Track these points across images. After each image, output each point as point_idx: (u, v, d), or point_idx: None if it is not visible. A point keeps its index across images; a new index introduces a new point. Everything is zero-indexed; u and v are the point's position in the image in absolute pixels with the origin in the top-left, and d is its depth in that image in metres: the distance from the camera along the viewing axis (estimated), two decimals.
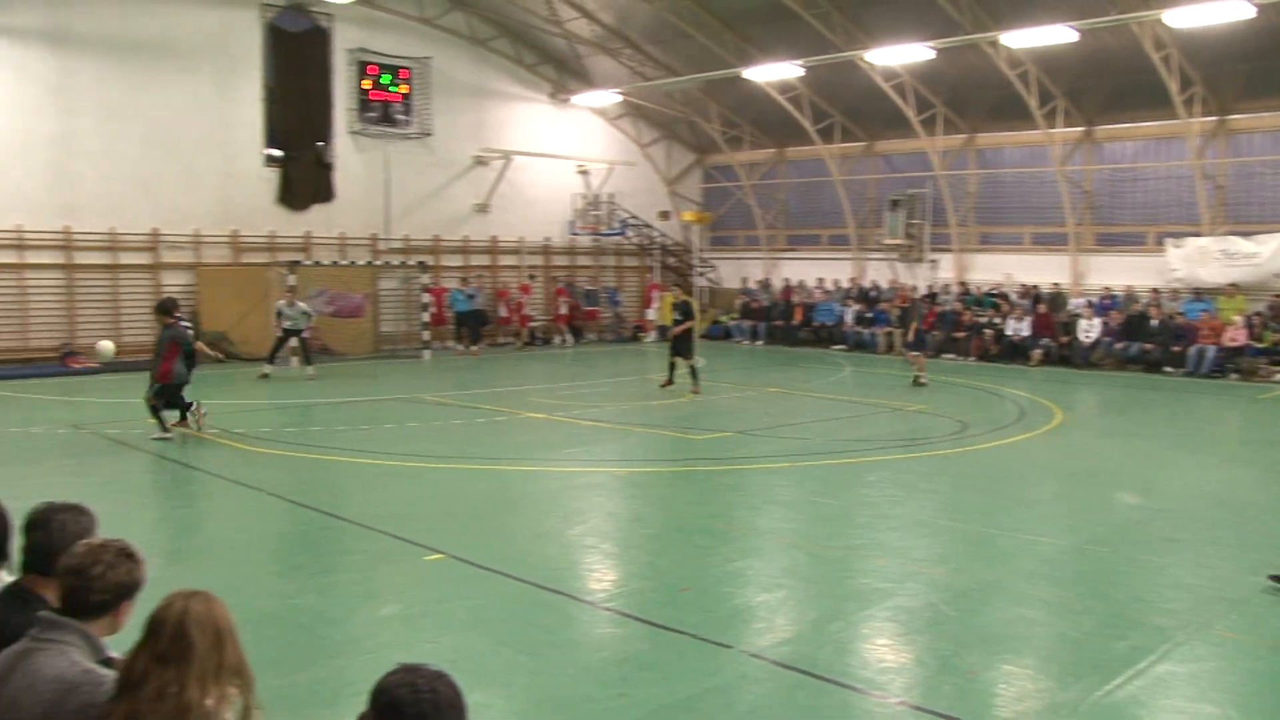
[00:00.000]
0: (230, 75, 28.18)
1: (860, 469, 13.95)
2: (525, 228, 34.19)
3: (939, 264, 31.79)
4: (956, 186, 30.94)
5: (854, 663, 7.17)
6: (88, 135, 26.00)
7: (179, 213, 27.36)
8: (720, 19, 29.02)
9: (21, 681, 3.47)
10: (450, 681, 2.96)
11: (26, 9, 25.09)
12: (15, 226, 25.10)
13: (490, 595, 8.54)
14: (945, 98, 29.32)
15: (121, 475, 13.49)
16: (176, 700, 3.13)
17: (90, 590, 3.59)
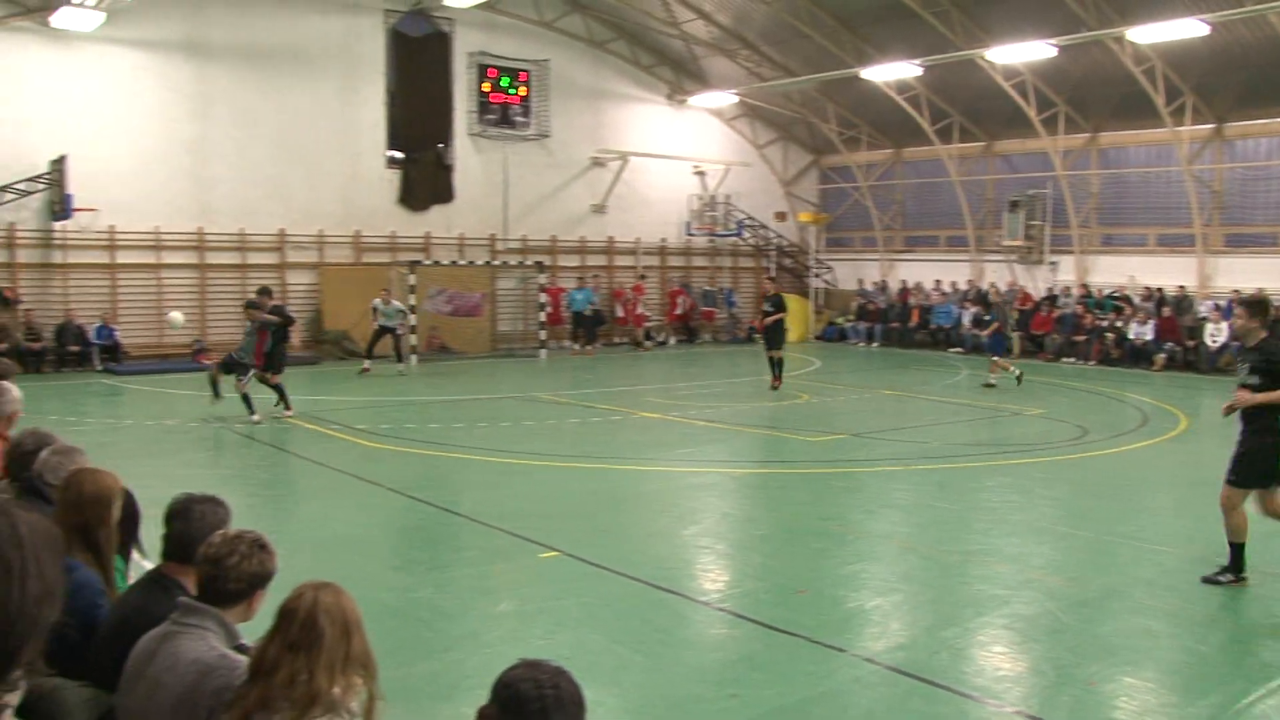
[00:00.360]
0: (354, 80, 28.88)
1: (977, 473, 13.74)
2: (642, 228, 34.35)
3: (1059, 266, 31.10)
4: (1078, 187, 30.23)
5: (969, 670, 7.07)
6: (221, 140, 26.93)
7: (304, 214, 28.16)
8: (838, 19, 28.79)
9: (164, 662, 3.64)
10: (571, 678, 3.01)
11: (168, 21, 26.10)
12: (154, 228, 26.11)
13: (604, 593, 8.61)
14: (1067, 96, 28.64)
15: (249, 469, 13.93)
16: (306, 687, 3.24)
17: (226, 579, 3.76)
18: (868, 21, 28.70)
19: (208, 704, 3.49)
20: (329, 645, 3.30)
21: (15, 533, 1.53)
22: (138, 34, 25.66)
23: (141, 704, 3.64)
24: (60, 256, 25.36)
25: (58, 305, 25.12)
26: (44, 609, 1.55)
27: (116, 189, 25.35)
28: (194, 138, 26.61)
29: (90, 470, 4.89)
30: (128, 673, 3.76)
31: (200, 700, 3.52)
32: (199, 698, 3.53)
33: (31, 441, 5.78)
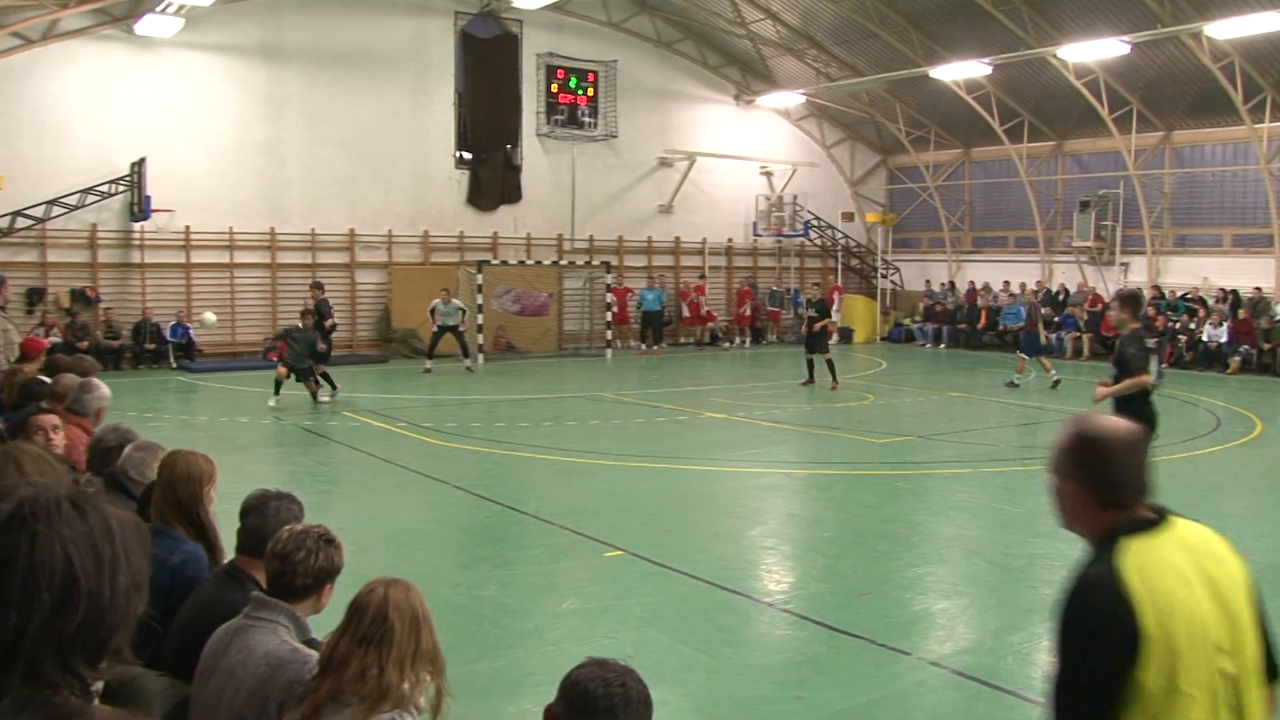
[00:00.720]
0: (424, 81, 29.20)
1: (1044, 476, 13.55)
2: (708, 229, 34.34)
3: (1130, 267, 30.59)
4: (1151, 186, 29.70)
5: (1036, 675, 6.98)
6: (293, 142, 27.40)
7: (374, 214, 28.53)
8: (906, 17, 28.57)
9: (237, 655, 3.73)
10: (638, 677, 3.04)
11: (244, 26, 26.62)
12: (227, 228, 26.62)
13: (668, 593, 8.65)
14: (1141, 94, 28.15)
15: (318, 465, 14.15)
16: (376, 682, 3.30)
17: (295, 574, 3.85)
18: (937, 20, 28.45)
19: (279, 697, 3.57)
20: (399, 640, 3.36)
21: (107, 526, 1.60)
22: (214, 39, 26.18)
23: (214, 695, 3.73)
24: (138, 256, 25.93)
25: (135, 304, 25.70)
26: (132, 600, 1.62)
27: (192, 190, 25.90)
28: (267, 139, 27.09)
29: (184, 451, 5.06)
30: (202, 664, 3.86)
31: (271, 693, 3.60)
32: (270, 691, 3.61)
33: (113, 437, 5.93)
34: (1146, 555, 2.80)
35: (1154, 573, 2.75)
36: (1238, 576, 2.94)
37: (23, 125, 24.45)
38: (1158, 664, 2.65)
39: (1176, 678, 2.66)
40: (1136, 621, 2.66)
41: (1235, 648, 2.78)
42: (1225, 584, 2.86)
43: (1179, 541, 2.92)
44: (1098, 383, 9.72)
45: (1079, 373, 26.35)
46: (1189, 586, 2.76)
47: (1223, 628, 2.76)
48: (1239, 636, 2.80)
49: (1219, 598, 2.80)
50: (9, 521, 1.55)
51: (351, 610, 3.43)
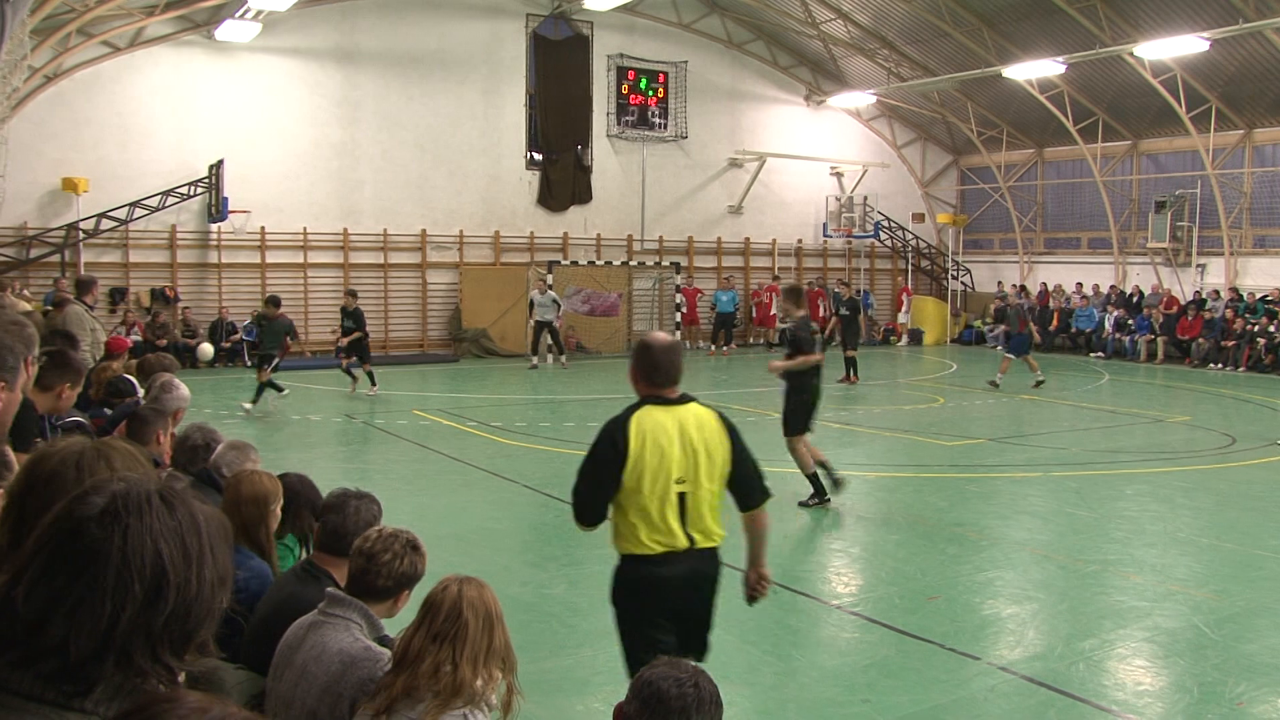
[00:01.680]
0: (496, 83, 29.44)
1: (1117, 481, 13.38)
2: (778, 230, 34.23)
3: (1207, 268, 29.97)
4: (1229, 186, 29.06)
5: (1108, 683, 6.92)
6: (367, 143, 27.78)
7: (446, 214, 28.82)
8: (979, 16, 28.23)
9: (311, 651, 3.81)
10: (709, 677, 3.06)
11: (319, 30, 27.06)
12: (301, 229, 27.03)
13: (736, 594, 8.60)
14: (1220, 91, 27.53)
15: (390, 462, 14.31)
16: (450, 678, 3.35)
17: (378, 575, 3.90)
18: (1011, 18, 28.08)
19: (351, 694, 3.64)
20: (472, 637, 3.40)
21: (194, 522, 1.66)
22: (291, 43, 26.63)
23: (289, 690, 3.80)
24: (215, 256, 26.44)
25: (212, 303, 26.21)
26: (217, 594, 1.67)
27: (268, 191, 26.38)
28: (341, 141, 27.49)
29: (250, 472, 5.15)
30: (277, 659, 3.93)
31: (344, 690, 3.67)
32: (343, 688, 3.68)
33: (199, 436, 6.07)
34: (649, 415, 4.87)
35: (648, 424, 4.83)
36: (713, 440, 4.93)
37: (109, 130, 25.07)
38: (631, 471, 4.76)
39: (641, 482, 4.76)
40: (627, 444, 4.78)
41: (688, 477, 4.83)
42: (696, 441, 4.87)
43: (677, 414, 4.92)
44: (770, 365, 12.03)
45: (1152, 376, 25.93)
46: (668, 436, 4.82)
47: (681, 465, 4.82)
48: (693, 473, 4.84)
49: (687, 448, 4.84)
50: (103, 515, 1.61)
51: (425, 607, 3.49)
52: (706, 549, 4.95)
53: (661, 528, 4.80)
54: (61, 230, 24.52)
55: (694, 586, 5.01)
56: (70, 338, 7.26)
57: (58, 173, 24.44)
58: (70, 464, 2.24)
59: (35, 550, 1.61)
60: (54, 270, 23.81)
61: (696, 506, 4.85)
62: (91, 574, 1.56)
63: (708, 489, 4.88)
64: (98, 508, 1.62)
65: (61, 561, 1.59)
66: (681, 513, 4.83)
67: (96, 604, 1.55)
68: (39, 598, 1.57)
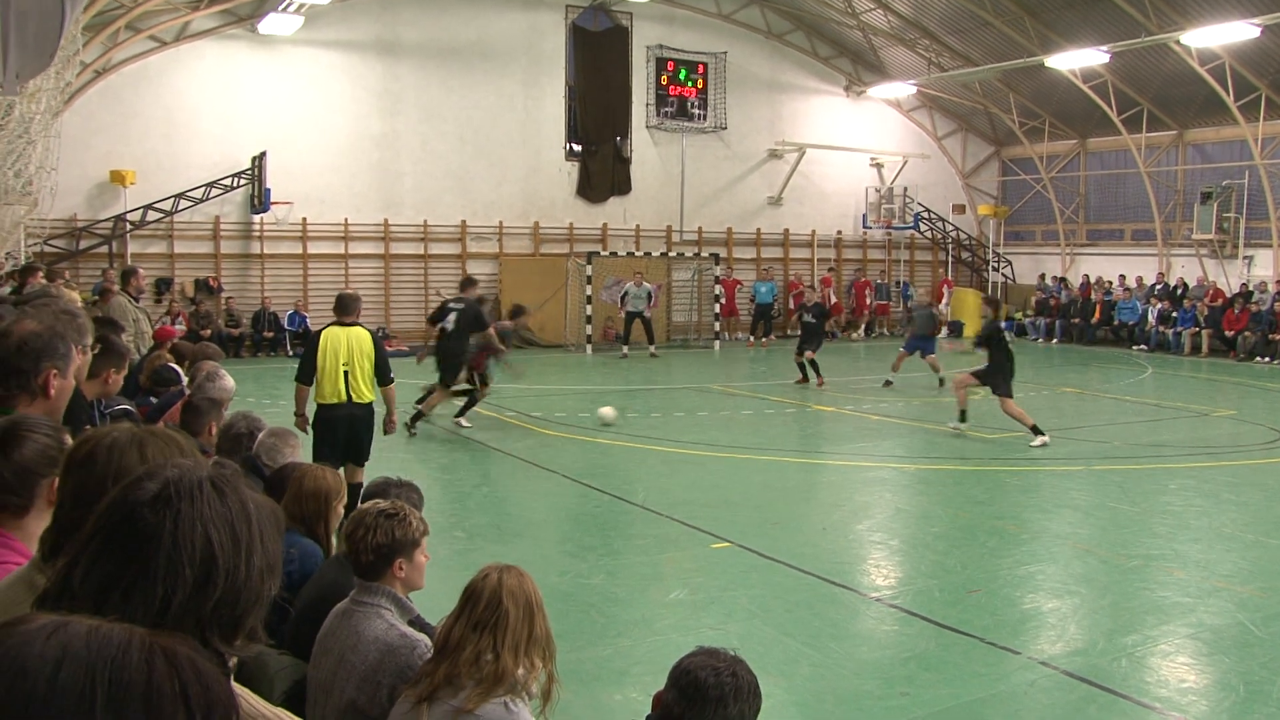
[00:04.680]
0: (536, 74, 29.50)
1: (1160, 475, 13.26)
2: (818, 221, 34.10)
3: (1254, 260, 29.50)
4: (1279, 176, 28.62)
5: (1151, 680, 6.86)
6: (407, 135, 27.93)
7: (485, 205, 28.94)
8: (1021, 5, 27.91)
9: (347, 640, 3.86)
10: (748, 667, 3.08)
11: (361, 22, 27.23)
12: (342, 220, 27.23)
13: (775, 585, 8.66)
14: (1271, 80, 26.97)
15: (430, 453, 14.40)
16: (492, 666, 3.37)
17: (359, 553, 3.95)
18: (1053, 7, 27.74)
19: (390, 682, 3.69)
20: (513, 625, 3.42)
21: (244, 509, 1.69)
22: (333, 35, 26.81)
23: (328, 677, 3.86)
24: (258, 247, 26.70)
25: (255, 293, 26.47)
26: (266, 581, 1.70)
27: (309, 183, 26.59)
28: (382, 133, 27.65)
29: (314, 468, 5.21)
30: (317, 646, 3.99)
31: (383, 679, 3.72)
32: (381, 676, 3.73)
33: (243, 424, 6.16)
34: (332, 329, 9.70)
35: (329, 335, 9.64)
36: (364, 343, 9.63)
37: (155, 123, 25.38)
38: (319, 354, 9.54)
39: (324, 361, 9.49)
40: (318, 343, 9.68)
41: (349, 361, 9.50)
42: (354, 343, 9.57)
43: (348, 330, 9.67)
44: None
45: (1197, 369, 25.65)
46: (339, 340, 9.57)
47: (344, 354, 9.51)
48: (351, 359, 9.51)
49: (346, 347, 9.52)
50: (155, 500, 1.64)
51: (466, 595, 3.52)
52: (357, 402, 9.51)
53: (337, 389, 9.43)
54: (109, 222, 24.87)
55: (350, 421, 9.48)
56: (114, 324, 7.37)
57: (106, 165, 24.78)
58: (104, 448, 2.28)
59: (91, 534, 1.65)
60: (102, 261, 24.08)
61: (353, 379, 9.44)
62: (144, 558, 1.59)
63: (359, 369, 9.46)
64: (151, 493, 1.65)
65: (115, 545, 1.62)
66: (346, 382, 9.43)
67: (149, 587, 1.59)
68: (94, 581, 1.60)
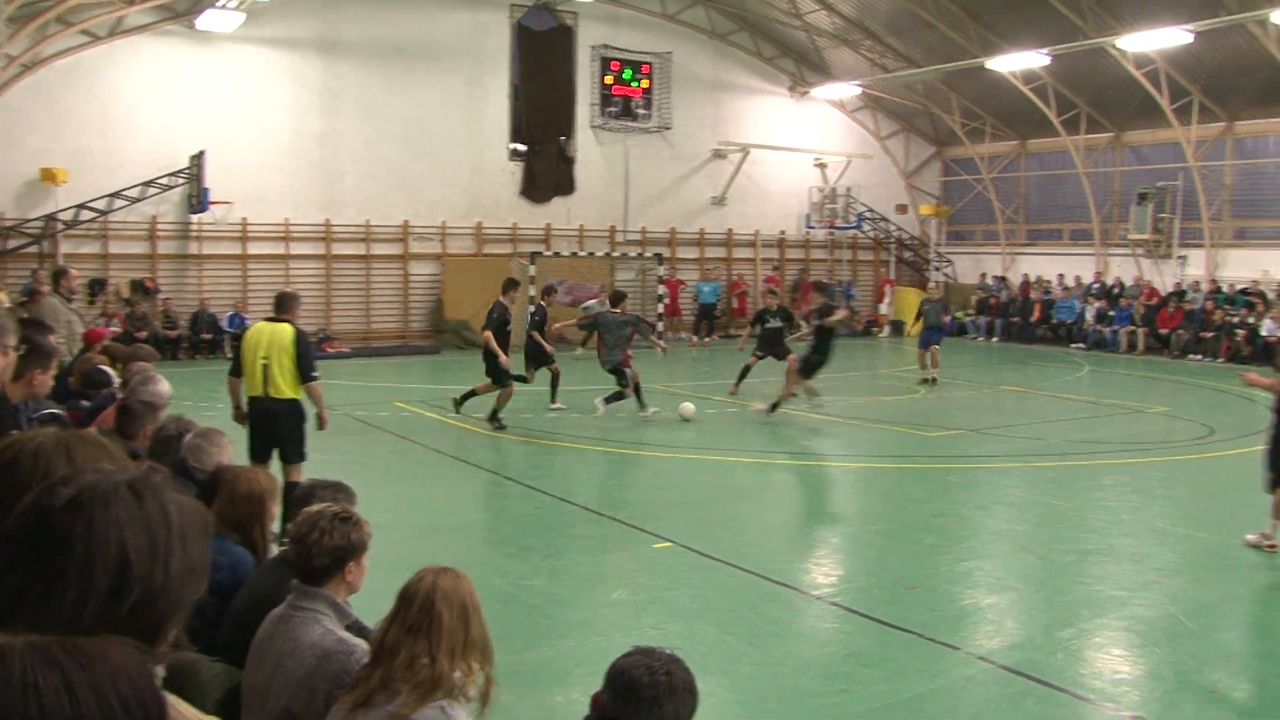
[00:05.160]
0: (480, 74, 29.35)
1: (1096, 471, 13.45)
2: (761, 221, 34.23)
3: (1188, 260, 30.05)
4: (1211, 178, 29.13)
5: (1086, 672, 6.96)
6: (350, 134, 27.66)
7: (428, 205, 28.73)
8: (963, 8, 28.23)
9: (283, 646, 3.80)
10: (684, 666, 3.06)
11: (302, 20, 26.90)
12: (283, 220, 26.92)
13: (716, 584, 8.68)
14: (1203, 84, 27.57)
15: (371, 455, 14.27)
16: (428, 670, 3.33)
17: (311, 556, 3.88)
18: (994, 10, 28.10)
19: (326, 687, 3.63)
20: (448, 628, 3.38)
21: (164, 513, 1.65)
22: (273, 33, 26.48)
23: (264, 684, 3.80)
24: (196, 247, 26.32)
25: (193, 295, 26.09)
26: (188, 586, 1.66)
27: (249, 182, 26.23)
28: (323, 132, 27.36)
29: (247, 470, 5.12)
30: (252, 653, 3.92)
31: (319, 684, 3.66)
32: (318, 682, 3.67)
33: (175, 427, 6.05)
34: (257, 326, 9.83)
35: (254, 329, 9.80)
36: (284, 338, 9.52)
37: (89, 120, 24.89)
38: (243, 350, 9.72)
39: (246, 356, 9.62)
40: (242, 338, 9.97)
41: (268, 355, 9.48)
42: (273, 338, 9.52)
43: (272, 326, 9.63)
44: None
45: (1132, 367, 26.04)
46: (261, 334, 9.62)
47: (263, 349, 9.51)
48: (270, 353, 9.47)
49: (267, 342, 9.52)
50: (69, 505, 1.60)
51: (400, 599, 3.47)
52: (274, 397, 9.49)
53: (255, 382, 9.54)
54: (40, 221, 24.35)
55: (266, 414, 9.60)
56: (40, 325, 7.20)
57: (37, 163, 24.24)
58: (29, 453, 2.22)
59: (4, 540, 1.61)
60: (32, 262, 23.59)
61: (270, 373, 9.47)
62: (56, 564, 1.56)
63: (276, 364, 9.45)
64: (65, 498, 1.61)
65: (28, 551, 1.58)
66: (264, 375, 9.48)
67: (61, 594, 1.55)
68: (7, 587, 1.56)
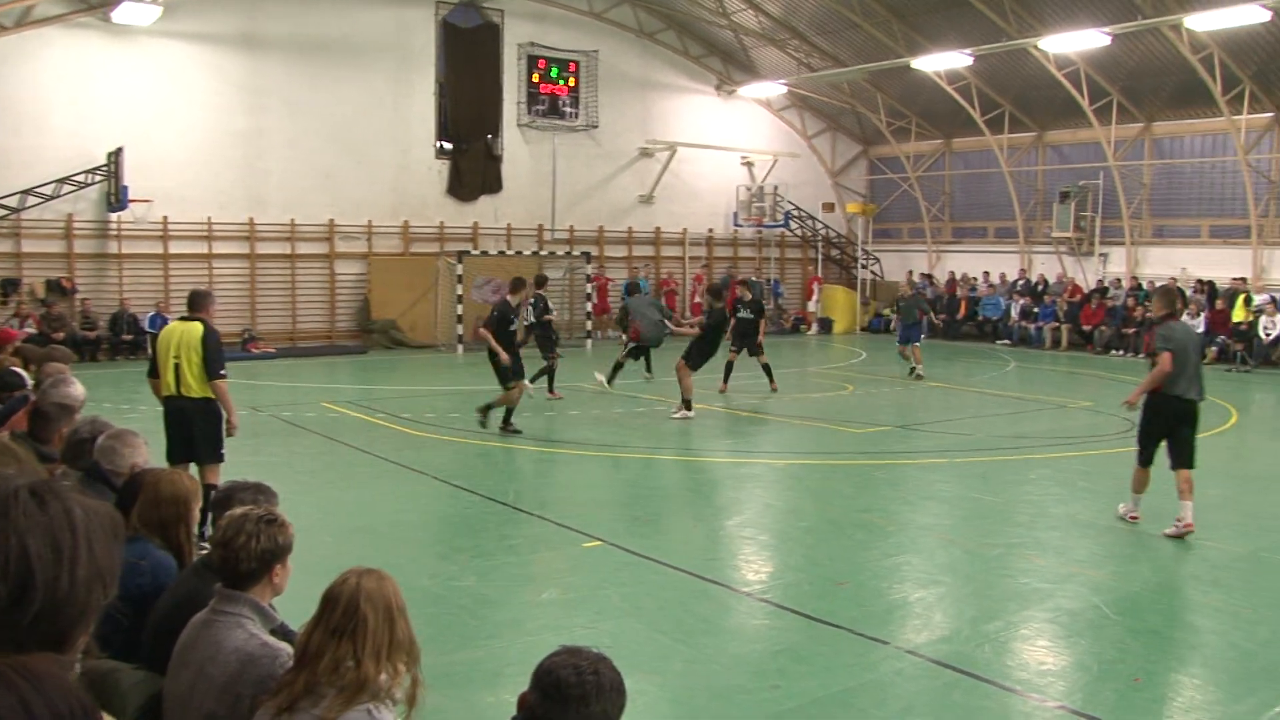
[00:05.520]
0: (405, 71, 29.07)
1: (1021, 466, 13.64)
2: (689, 219, 34.31)
3: (1109, 257, 30.70)
4: (1130, 177, 29.80)
5: (1012, 663, 7.05)
6: (273, 132, 27.23)
7: (354, 204, 28.40)
8: (888, 8, 28.55)
9: (206, 651, 3.71)
10: (611, 665, 3.03)
11: (223, 15, 26.41)
12: (206, 219, 26.44)
13: (646, 583, 8.66)
14: (1121, 85, 28.20)
15: (295, 456, 14.08)
16: (353, 674, 3.27)
17: (238, 560, 3.80)
18: (919, 10, 28.44)
19: (250, 692, 3.56)
20: (372, 630, 3.32)
21: (68, 517, 1.58)
22: (193, 28, 25.97)
23: (186, 690, 3.71)
24: (115, 246, 25.75)
25: (112, 295, 25.53)
26: (94, 592, 1.60)
27: (170, 180, 25.73)
28: (246, 129, 26.91)
29: (169, 472, 5.00)
30: (174, 659, 3.83)
31: (243, 690, 3.59)
32: (241, 687, 3.59)
33: (89, 429, 5.89)
34: (172, 325, 9.78)
35: (167, 329, 9.79)
36: (193, 336, 9.44)
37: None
38: (157, 350, 9.74)
39: (160, 356, 9.59)
40: (156, 338, 10.27)
41: (179, 354, 9.39)
42: (184, 336, 9.44)
43: (185, 325, 9.55)
44: None
45: (1057, 363, 26.49)
46: (173, 333, 9.54)
47: (174, 348, 9.42)
48: (180, 352, 9.40)
49: (178, 340, 9.44)
50: None
51: (324, 601, 3.41)
52: (186, 395, 9.45)
53: (168, 381, 9.47)
54: None
55: (180, 414, 9.51)
56: None
57: None
58: None
59: None
60: None
61: (181, 372, 9.42)
62: None
63: (186, 363, 9.41)
64: None
65: None
66: (176, 374, 9.43)
67: None
68: None
